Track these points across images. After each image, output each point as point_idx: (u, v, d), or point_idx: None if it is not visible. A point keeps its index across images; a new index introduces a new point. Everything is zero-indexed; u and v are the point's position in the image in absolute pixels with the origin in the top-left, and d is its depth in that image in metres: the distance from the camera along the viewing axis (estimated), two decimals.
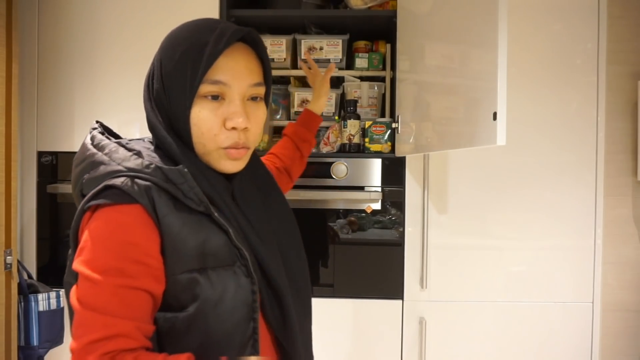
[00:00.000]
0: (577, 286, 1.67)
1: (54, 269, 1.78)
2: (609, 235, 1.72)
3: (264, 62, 0.77)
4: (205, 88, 0.70)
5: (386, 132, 1.69)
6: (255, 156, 0.83)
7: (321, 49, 1.80)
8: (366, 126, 1.70)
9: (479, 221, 1.69)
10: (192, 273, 0.66)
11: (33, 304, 1.65)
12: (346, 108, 1.73)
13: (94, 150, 0.72)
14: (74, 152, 1.89)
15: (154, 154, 0.72)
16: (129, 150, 0.71)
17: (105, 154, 0.71)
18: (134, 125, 1.71)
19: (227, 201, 0.73)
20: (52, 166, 1.76)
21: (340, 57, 1.80)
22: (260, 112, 0.75)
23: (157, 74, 0.73)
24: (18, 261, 1.66)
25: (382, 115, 1.85)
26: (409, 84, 1.58)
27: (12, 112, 1.59)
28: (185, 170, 0.69)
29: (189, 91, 0.70)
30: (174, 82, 0.71)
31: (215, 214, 0.69)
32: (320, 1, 1.84)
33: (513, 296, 1.68)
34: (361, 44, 1.86)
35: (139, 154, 0.71)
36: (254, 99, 0.74)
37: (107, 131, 0.80)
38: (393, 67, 1.75)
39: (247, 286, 0.69)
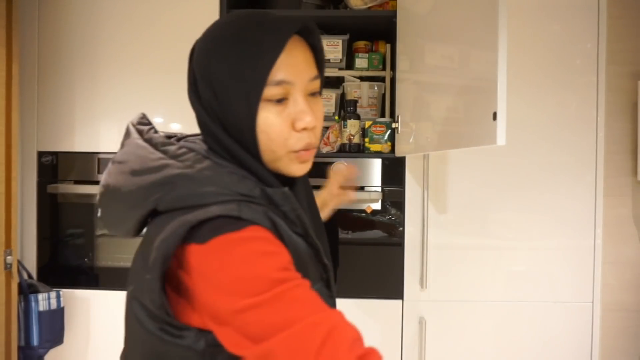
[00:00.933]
0: (577, 286, 1.67)
1: (54, 268, 1.78)
2: (609, 235, 1.72)
3: (318, 52, 0.70)
4: (269, 91, 0.63)
5: (386, 132, 1.69)
6: None
7: None
8: (366, 126, 1.71)
9: (479, 221, 1.69)
10: None
11: (33, 304, 1.65)
12: (346, 108, 1.73)
13: (167, 159, 0.64)
14: (74, 152, 1.87)
15: (238, 168, 0.66)
16: (220, 165, 0.65)
17: (191, 167, 0.63)
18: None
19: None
20: (52, 166, 1.77)
21: (340, 57, 1.80)
22: (320, 107, 0.70)
23: (205, 81, 0.65)
24: (18, 261, 1.66)
25: (382, 115, 1.85)
26: (409, 84, 1.58)
27: (13, 112, 1.59)
28: (289, 191, 0.65)
29: (253, 97, 0.62)
30: (231, 89, 0.63)
31: (311, 234, 0.66)
32: (320, 1, 1.84)
33: (513, 296, 1.68)
34: (361, 44, 1.86)
35: (236, 172, 0.64)
36: (312, 94, 0.68)
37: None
38: (393, 67, 1.75)
39: (330, 300, 0.70)
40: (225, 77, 0.63)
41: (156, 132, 0.71)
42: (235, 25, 0.65)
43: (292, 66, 0.64)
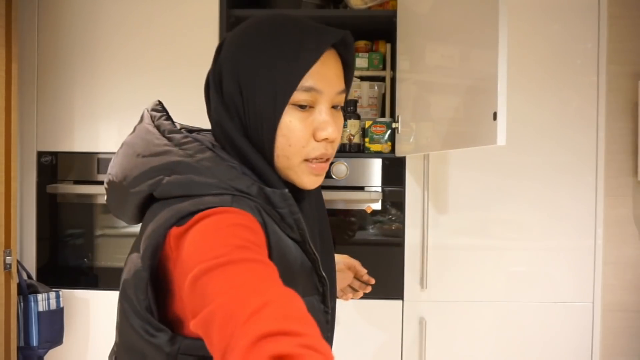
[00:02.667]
0: (578, 286, 1.67)
1: (53, 269, 1.78)
2: (610, 235, 1.72)
3: (349, 68, 0.70)
4: (297, 96, 0.62)
5: (386, 132, 1.69)
6: None
7: None
8: (366, 126, 1.70)
9: (479, 221, 1.68)
10: None
11: (32, 304, 1.65)
12: (346, 108, 1.72)
13: (171, 146, 0.63)
14: (74, 152, 1.87)
15: (240, 165, 0.65)
16: (222, 158, 0.63)
17: (191, 157, 0.62)
18: (134, 126, 1.71)
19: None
20: (51, 166, 1.76)
21: None
22: (341, 120, 0.70)
23: (231, 75, 0.65)
24: (17, 261, 1.66)
25: (382, 115, 1.84)
26: (409, 84, 1.57)
27: (12, 112, 1.59)
28: (289, 194, 0.63)
29: (281, 99, 0.62)
30: (260, 88, 0.63)
31: (309, 243, 0.65)
32: (320, 1, 1.84)
33: (513, 296, 1.68)
34: (361, 43, 1.86)
35: (235, 167, 0.63)
36: (334, 107, 0.68)
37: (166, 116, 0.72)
38: (393, 67, 1.75)
39: (324, 315, 0.68)
40: (255, 73, 0.63)
41: (168, 119, 0.70)
42: (274, 23, 0.65)
43: (324, 75, 0.64)
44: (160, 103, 0.74)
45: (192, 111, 1.72)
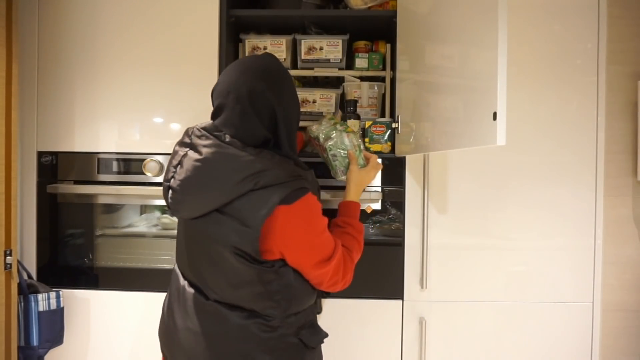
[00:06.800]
0: (577, 286, 1.67)
1: (54, 269, 1.78)
2: (609, 235, 1.72)
3: None
4: None
5: (386, 132, 1.69)
6: None
7: (321, 49, 1.80)
8: (366, 126, 1.70)
9: (479, 221, 1.69)
10: None
11: (33, 304, 1.65)
12: (346, 108, 1.73)
13: (251, 156, 1.06)
14: (74, 152, 1.87)
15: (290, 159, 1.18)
16: (283, 159, 1.11)
17: (272, 162, 1.07)
18: (134, 126, 1.71)
19: None
20: (52, 166, 1.77)
21: (340, 57, 1.80)
22: None
23: (289, 104, 1.16)
24: (18, 261, 1.66)
25: (382, 115, 1.84)
26: (409, 84, 1.57)
27: (12, 112, 1.59)
28: (312, 172, 1.25)
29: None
30: (296, 109, 1.21)
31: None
32: (320, 1, 1.84)
33: (513, 296, 1.68)
34: (361, 44, 1.86)
35: (289, 162, 1.12)
36: None
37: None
38: (393, 67, 1.75)
39: None
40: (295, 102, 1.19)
41: (225, 135, 1.11)
42: (284, 69, 1.18)
43: None
44: (205, 125, 1.14)
45: (191, 109, 1.72)
